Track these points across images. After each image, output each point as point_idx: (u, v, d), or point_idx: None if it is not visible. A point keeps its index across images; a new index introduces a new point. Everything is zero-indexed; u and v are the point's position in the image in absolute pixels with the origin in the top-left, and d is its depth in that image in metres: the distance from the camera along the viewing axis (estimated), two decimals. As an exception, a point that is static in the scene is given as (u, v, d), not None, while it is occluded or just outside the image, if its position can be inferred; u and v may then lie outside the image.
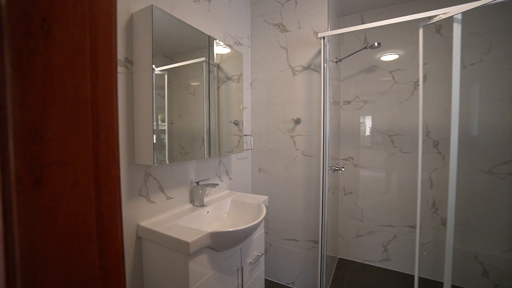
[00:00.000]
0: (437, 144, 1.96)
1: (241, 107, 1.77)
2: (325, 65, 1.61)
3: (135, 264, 1.09)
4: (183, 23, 1.22)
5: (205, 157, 1.39)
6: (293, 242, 1.90)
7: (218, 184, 1.34)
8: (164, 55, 1.12)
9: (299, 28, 1.80)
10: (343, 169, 1.95)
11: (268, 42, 1.94)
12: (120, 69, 1.03)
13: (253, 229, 1.17)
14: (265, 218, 2.02)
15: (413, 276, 2.07)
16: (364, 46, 1.90)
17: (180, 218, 1.19)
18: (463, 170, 1.87)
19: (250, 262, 1.37)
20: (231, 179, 1.79)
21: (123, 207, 1.02)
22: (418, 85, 2.00)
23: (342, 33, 2.26)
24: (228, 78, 1.67)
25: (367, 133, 2.25)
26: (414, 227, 2.08)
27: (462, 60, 1.82)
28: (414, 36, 2.00)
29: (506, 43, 1.76)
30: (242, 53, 1.69)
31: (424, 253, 2.04)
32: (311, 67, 1.78)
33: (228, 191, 1.72)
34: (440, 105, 1.93)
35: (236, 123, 1.75)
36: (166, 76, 1.14)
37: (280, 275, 1.96)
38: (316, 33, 1.73)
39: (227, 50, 1.59)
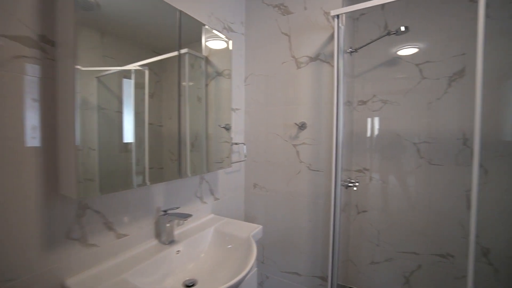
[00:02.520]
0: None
1: (232, 108, 1.41)
2: (339, 54, 1.23)
3: None
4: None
5: (180, 176, 1.03)
6: (295, 276, 1.53)
7: (190, 216, 0.98)
8: (115, 36, 0.77)
9: (305, 8, 1.43)
10: (357, 184, 1.58)
11: (266, 28, 1.56)
12: (27, 51, 0.67)
13: (238, 284, 0.81)
14: (261, 245, 1.66)
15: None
16: (386, 32, 1.51)
17: (135, 267, 0.83)
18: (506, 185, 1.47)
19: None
20: (217, 199, 1.43)
21: (37, 260, 0.67)
22: (453, 80, 1.61)
23: (357, 19, 1.87)
24: (219, 74, 1.32)
25: (387, 140, 1.85)
26: (444, 256, 1.69)
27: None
28: (449, 18, 1.60)
29: None
30: (229, 40, 1.32)
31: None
32: (320, 58, 1.41)
33: (212, 215, 1.36)
34: (482, 107, 1.53)
35: (227, 128, 1.40)
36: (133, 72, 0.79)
37: (279, 315, 1.60)
38: (326, 13, 1.35)
39: (218, 40, 1.23)
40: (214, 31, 1.22)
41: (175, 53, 1.01)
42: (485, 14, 0.97)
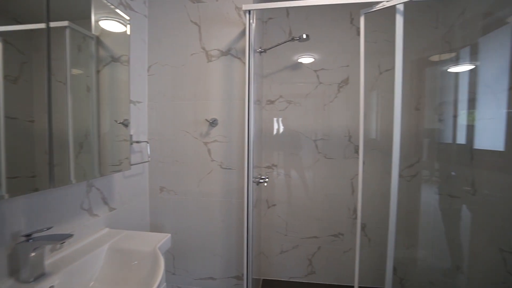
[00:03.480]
0: (358, 149, 1.91)
1: (132, 101, 1.19)
2: (250, 51, 1.22)
3: None
4: None
5: (52, 184, 0.77)
6: (210, 281, 1.45)
7: (70, 236, 0.74)
8: None
9: (216, -1, 1.36)
10: (267, 180, 1.64)
11: (174, 13, 1.41)
12: None
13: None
14: (171, 255, 1.49)
15: (337, 286, 2.01)
16: (291, 38, 1.63)
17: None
18: (381, 173, 1.86)
19: None
20: (114, 209, 1.18)
21: None
22: (341, 86, 1.90)
23: (266, 22, 1.95)
24: (115, 59, 1.08)
25: (291, 137, 2.02)
26: (337, 235, 1.98)
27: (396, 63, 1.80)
28: (341, 32, 1.88)
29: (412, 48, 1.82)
30: (128, 18, 1.10)
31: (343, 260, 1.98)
32: (232, 53, 1.37)
33: (107, 229, 1.11)
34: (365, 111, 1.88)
35: (126, 124, 1.17)
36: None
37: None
38: (238, 8, 1.33)
39: (113, 20, 1.00)
40: (108, 3, 0.99)
41: (42, 25, 0.74)
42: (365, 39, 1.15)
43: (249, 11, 1.16)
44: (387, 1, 1.02)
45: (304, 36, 1.57)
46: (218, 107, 1.42)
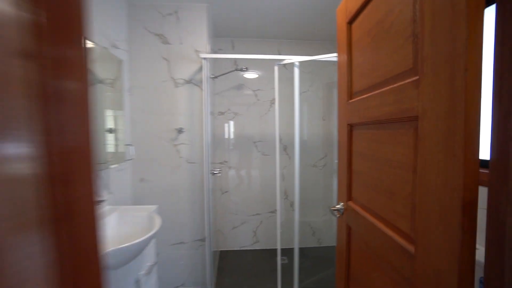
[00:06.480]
0: (285, 148, 2.67)
1: (120, 114, 1.67)
2: (206, 82, 1.83)
3: None
4: None
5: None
6: (181, 245, 1.98)
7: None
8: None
9: (181, 43, 1.92)
10: (220, 172, 2.24)
11: (148, 50, 1.92)
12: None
13: (149, 239, 1.20)
14: (149, 228, 1.97)
15: (275, 250, 2.69)
16: (235, 68, 2.29)
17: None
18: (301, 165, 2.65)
19: (143, 273, 1.37)
20: (111, 193, 1.64)
21: None
22: (273, 103, 2.64)
23: (217, 52, 2.57)
24: (100, 81, 1.55)
25: (237, 140, 2.68)
26: (273, 212, 2.70)
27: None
28: (271, 66, 2.61)
29: (320, 81, 2.68)
30: (122, 60, 1.60)
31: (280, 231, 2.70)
32: (193, 82, 1.95)
33: (108, 206, 1.57)
34: (286, 119, 2.65)
35: (111, 131, 1.64)
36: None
37: (170, 281, 1.99)
38: (197, 51, 1.92)
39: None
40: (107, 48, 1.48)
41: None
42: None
43: (205, 58, 1.77)
44: (290, 60, 1.75)
45: (244, 68, 2.24)
46: (184, 119, 1.97)
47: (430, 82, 0.54)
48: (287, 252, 2.21)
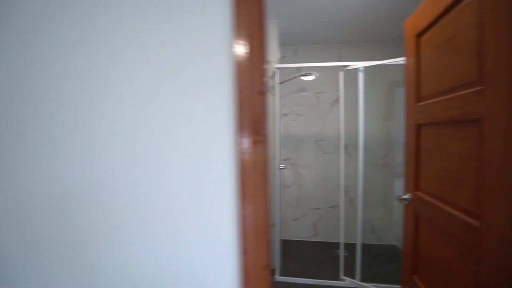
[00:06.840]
0: (346, 147, 2.79)
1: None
2: (277, 87, 2.12)
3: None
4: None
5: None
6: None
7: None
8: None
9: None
10: (285, 167, 2.51)
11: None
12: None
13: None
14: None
15: (335, 243, 2.83)
16: (299, 73, 2.53)
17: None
18: (363, 164, 2.75)
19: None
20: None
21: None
22: (333, 104, 2.79)
23: (281, 59, 2.86)
24: None
25: (299, 139, 2.92)
26: (333, 207, 2.85)
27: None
28: (332, 70, 2.77)
29: (381, 82, 2.72)
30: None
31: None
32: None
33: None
34: (348, 119, 2.77)
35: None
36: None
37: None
38: (268, 61, 2.22)
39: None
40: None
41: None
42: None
43: (278, 67, 2.06)
44: (355, 66, 1.91)
45: (309, 73, 2.46)
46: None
47: (492, 91, 0.70)
48: (347, 247, 2.36)
